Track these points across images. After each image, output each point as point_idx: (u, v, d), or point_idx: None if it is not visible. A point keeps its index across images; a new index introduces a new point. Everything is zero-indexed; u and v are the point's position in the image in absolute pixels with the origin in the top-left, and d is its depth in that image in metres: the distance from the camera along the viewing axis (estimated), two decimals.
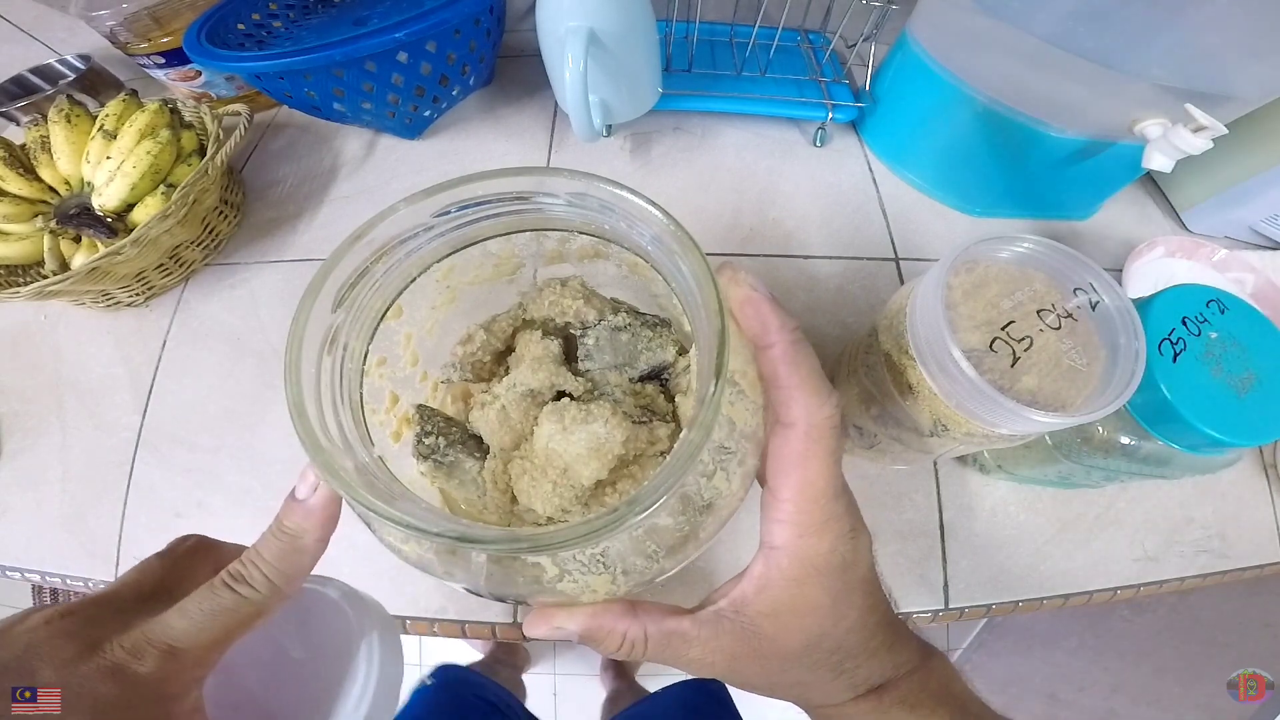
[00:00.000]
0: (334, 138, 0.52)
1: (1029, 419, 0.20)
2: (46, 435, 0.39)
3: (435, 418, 0.24)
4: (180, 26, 0.48)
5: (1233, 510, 0.36)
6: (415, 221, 0.19)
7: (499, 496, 0.23)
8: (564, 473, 0.22)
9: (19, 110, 0.52)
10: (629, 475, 0.23)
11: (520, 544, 0.14)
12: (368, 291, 0.19)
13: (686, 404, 0.24)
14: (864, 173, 0.48)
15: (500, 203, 0.19)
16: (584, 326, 0.26)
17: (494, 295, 0.27)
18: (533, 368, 0.24)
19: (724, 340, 0.15)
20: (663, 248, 0.18)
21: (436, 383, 0.27)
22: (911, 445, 0.28)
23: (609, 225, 0.19)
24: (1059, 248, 0.23)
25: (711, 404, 0.14)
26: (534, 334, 0.26)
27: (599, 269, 0.26)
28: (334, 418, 0.17)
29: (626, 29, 0.38)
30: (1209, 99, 0.32)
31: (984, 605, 0.33)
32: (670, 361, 0.26)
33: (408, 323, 0.23)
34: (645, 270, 0.24)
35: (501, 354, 0.28)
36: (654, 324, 0.26)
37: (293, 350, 0.16)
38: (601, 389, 0.25)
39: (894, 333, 0.24)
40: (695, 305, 0.17)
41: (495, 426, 0.23)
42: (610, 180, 0.17)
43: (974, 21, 0.37)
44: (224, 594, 0.16)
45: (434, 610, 0.33)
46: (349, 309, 0.18)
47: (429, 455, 0.23)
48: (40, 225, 0.41)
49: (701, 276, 0.16)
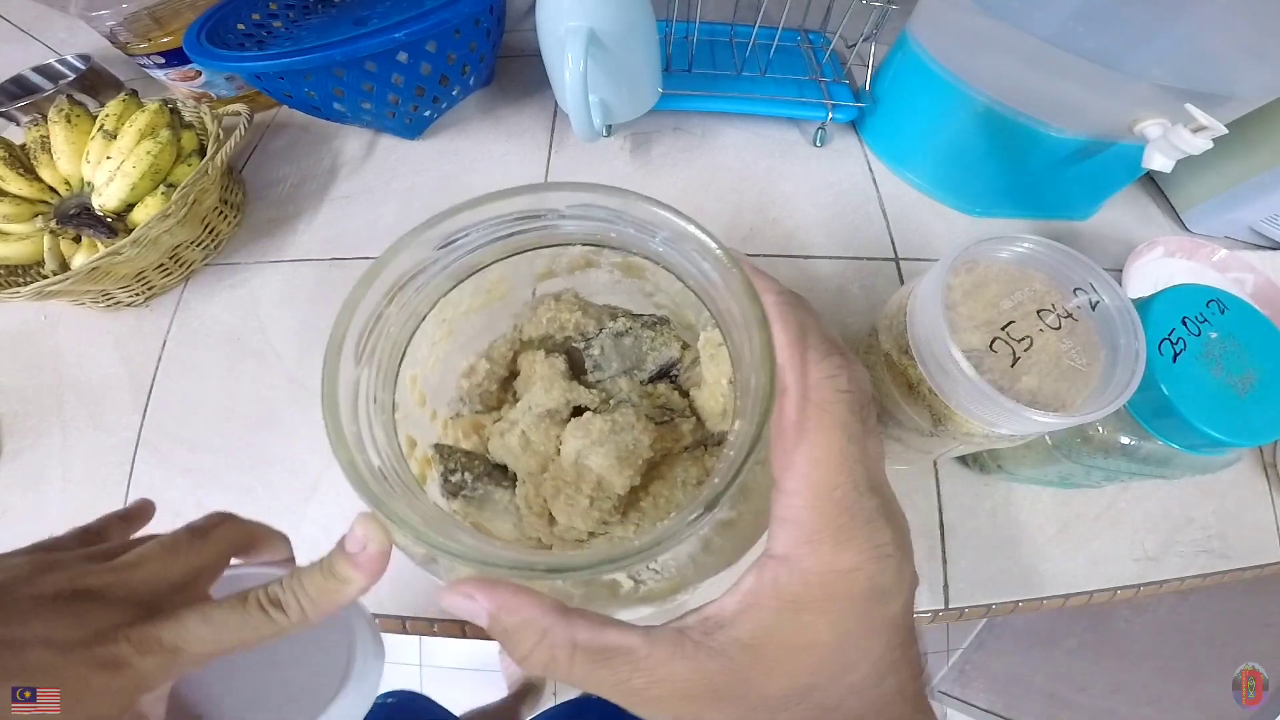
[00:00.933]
0: (334, 138, 0.52)
1: (1029, 419, 0.20)
2: (46, 435, 0.39)
3: (455, 454, 0.24)
4: (180, 26, 0.48)
5: (1233, 510, 0.36)
6: (421, 255, 0.18)
7: (535, 520, 0.23)
8: (598, 485, 0.22)
9: (19, 110, 0.52)
10: (660, 476, 0.23)
11: (612, 562, 0.13)
12: (384, 338, 0.18)
13: (701, 396, 0.24)
14: (864, 173, 0.48)
15: (509, 223, 0.18)
16: (585, 338, 0.26)
17: (489, 323, 0.26)
18: (544, 388, 0.24)
19: (767, 322, 0.14)
20: (678, 249, 0.17)
21: (446, 420, 0.26)
22: (911, 445, 0.28)
23: (615, 234, 0.19)
24: (1059, 248, 0.23)
25: (762, 396, 0.14)
26: (536, 354, 0.26)
27: (589, 278, 0.25)
28: (382, 470, 0.16)
29: (626, 29, 0.38)
30: (1209, 99, 0.32)
31: (984, 605, 0.33)
32: (677, 357, 0.26)
33: (411, 363, 0.22)
34: (639, 271, 0.24)
35: (506, 380, 0.27)
36: (653, 323, 0.26)
37: (330, 412, 0.15)
38: (616, 397, 0.25)
39: (894, 333, 0.24)
40: (723, 297, 0.16)
41: (519, 452, 0.23)
42: (647, 197, 0.17)
43: (974, 21, 0.37)
44: (255, 615, 0.15)
45: (434, 610, 0.33)
46: (369, 360, 0.18)
47: (458, 492, 0.23)
48: (40, 225, 0.41)
49: (727, 268, 0.16)
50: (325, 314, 0.42)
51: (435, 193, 0.48)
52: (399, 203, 0.47)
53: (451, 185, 0.49)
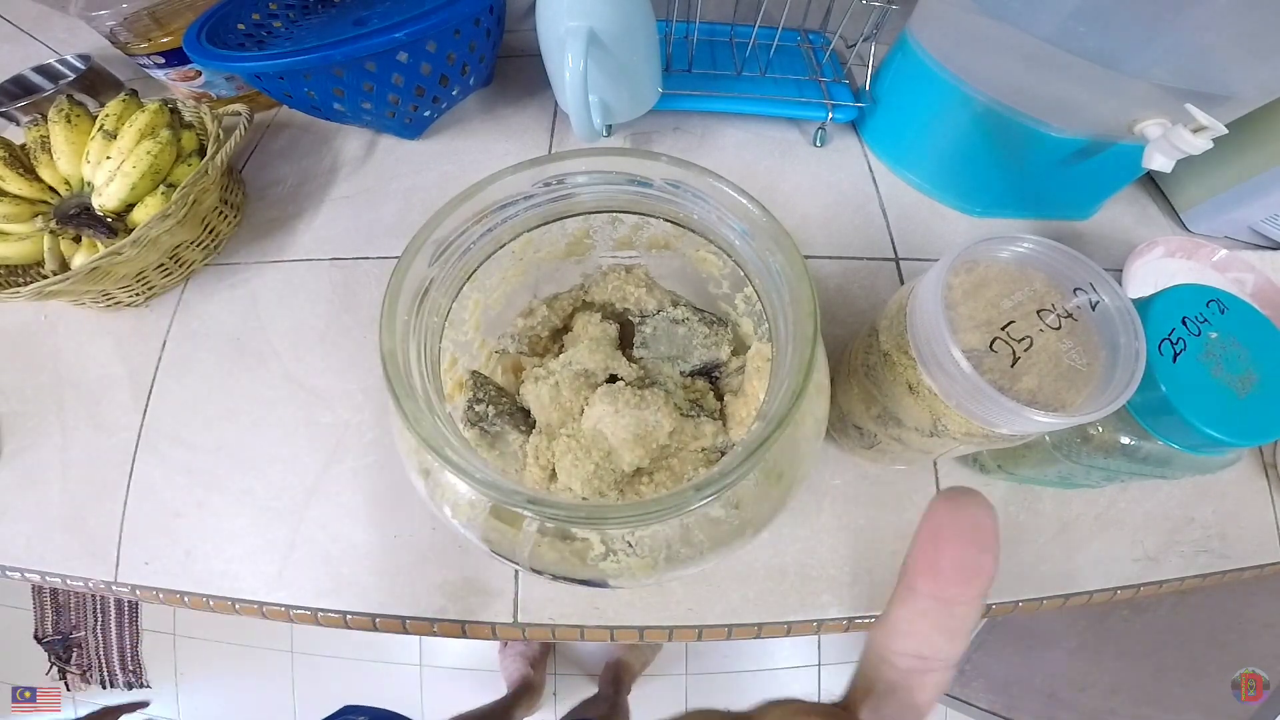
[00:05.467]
0: (334, 138, 0.52)
1: (1029, 419, 0.20)
2: (46, 435, 0.39)
3: (488, 386, 0.25)
4: (180, 26, 0.48)
5: (1233, 510, 0.36)
6: (517, 189, 0.19)
7: (538, 472, 0.23)
8: (607, 455, 0.22)
9: (19, 110, 0.52)
10: (666, 468, 0.23)
11: (584, 514, 0.14)
12: (460, 251, 0.20)
13: (736, 404, 0.25)
14: (864, 173, 0.48)
15: (603, 182, 0.19)
16: (643, 315, 0.27)
17: (560, 273, 0.27)
18: (590, 349, 0.25)
19: (816, 339, 0.15)
20: (753, 244, 0.18)
21: (491, 351, 0.27)
22: (911, 445, 0.28)
23: (698, 215, 0.20)
24: (1059, 248, 0.23)
25: (796, 398, 0.14)
26: (593, 316, 0.27)
27: (663, 260, 0.26)
28: (417, 368, 0.17)
29: (626, 29, 0.38)
30: (1209, 99, 0.32)
31: (984, 605, 0.33)
32: (724, 360, 0.26)
33: (478, 288, 0.23)
34: (711, 266, 0.24)
35: (558, 332, 0.28)
36: (711, 321, 0.26)
37: (390, 298, 0.16)
38: (654, 378, 0.26)
39: (894, 333, 0.24)
40: (783, 303, 0.17)
41: (546, 402, 0.24)
42: (708, 171, 0.18)
43: (974, 22, 0.37)
44: None
45: (434, 610, 0.33)
46: (443, 264, 0.19)
47: (477, 423, 0.24)
48: (40, 225, 0.41)
49: (796, 274, 0.16)
50: (325, 314, 0.42)
51: (435, 193, 0.48)
52: (399, 203, 0.47)
53: (452, 185, 0.49)
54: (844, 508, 0.35)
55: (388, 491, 0.35)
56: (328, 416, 0.38)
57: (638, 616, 0.32)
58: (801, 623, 0.33)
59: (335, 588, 0.34)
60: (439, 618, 0.33)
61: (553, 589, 0.33)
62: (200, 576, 0.35)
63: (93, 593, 0.36)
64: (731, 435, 0.25)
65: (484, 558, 0.33)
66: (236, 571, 0.35)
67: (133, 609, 1.20)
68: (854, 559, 0.34)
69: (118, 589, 0.35)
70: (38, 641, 1.16)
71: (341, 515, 0.35)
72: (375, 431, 0.37)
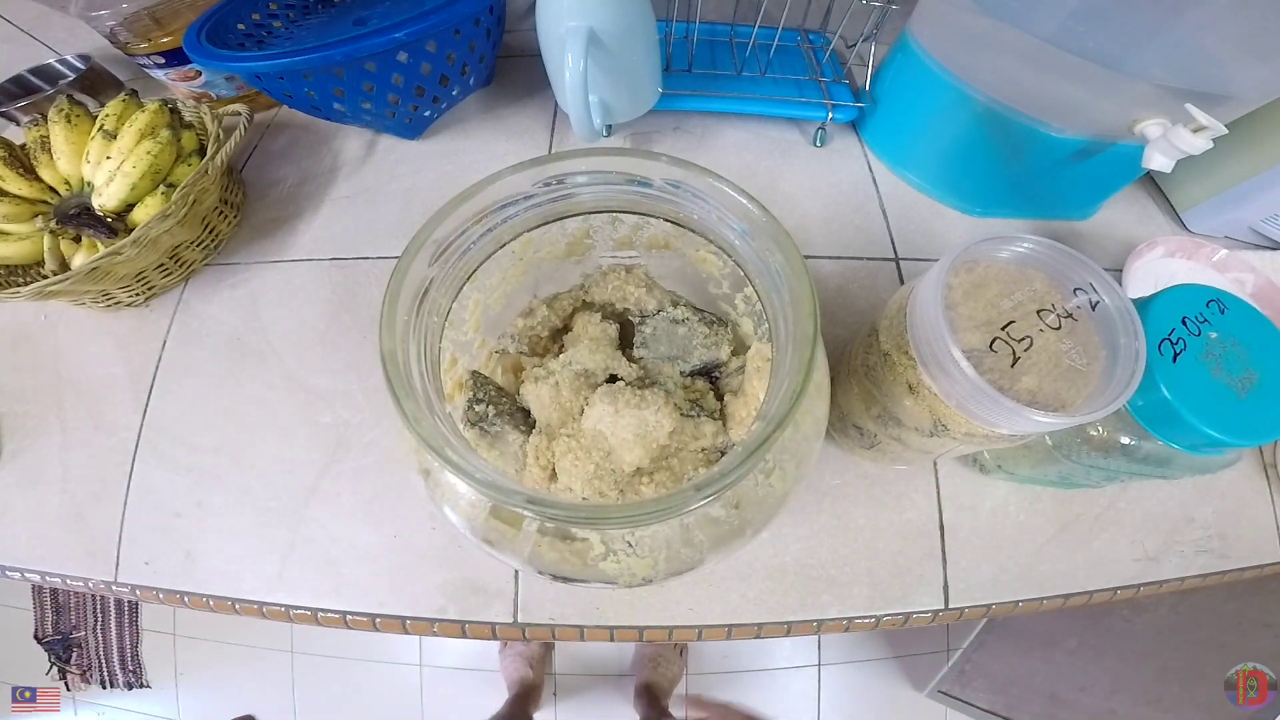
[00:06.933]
0: (334, 138, 0.52)
1: (1029, 419, 0.20)
2: (46, 435, 0.39)
3: (488, 386, 0.25)
4: (180, 26, 0.48)
5: (1233, 510, 0.36)
6: (517, 189, 0.19)
7: (538, 473, 0.23)
8: (608, 456, 0.22)
9: (19, 110, 0.52)
10: (667, 468, 0.23)
11: (584, 514, 0.14)
12: (460, 251, 0.20)
13: (735, 404, 0.25)
14: (864, 173, 0.48)
15: (603, 182, 0.19)
16: (643, 315, 0.27)
17: (560, 273, 0.27)
18: (590, 348, 0.25)
19: (816, 339, 0.15)
20: (753, 244, 0.18)
21: (492, 351, 0.27)
22: (911, 445, 0.28)
23: (698, 215, 0.20)
24: (1059, 248, 0.23)
25: (796, 398, 0.14)
26: (593, 316, 0.27)
27: (663, 260, 0.26)
28: (417, 368, 0.17)
29: (626, 29, 0.38)
30: (1209, 99, 0.32)
31: (984, 605, 0.33)
32: (724, 361, 0.26)
33: (478, 288, 0.23)
34: (711, 266, 0.24)
35: (558, 332, 0.28)
36: (711, 321, 0.26)
37: (390, 298, 0.16)
38: (654, 378, 0.26)
39: (894, 333, 0.24)
40: (783, 303, 0.17)
41: (546, 402, 0.24)
42: (708, 171, 0.18)
43: (974, 21, 0.37)
44: None
45: (434, 610, 0.33)
46: (443, 264, 0.19)
47: (476, 423, 0.24)
48: (40, 225, 0.41)
49: (796, 274, 0.16)
50: (325, 314, 0.42)
51: (435, 193, 0.48)
52: (399, 203, 0.47)
53: (452, 185, 0.48)
54: (844, 507, 0.35)
55: (388, 491, 0.35)
56: (328, 416, 0.38)
57: (638, 616, 0.32)
58: (801, 623, 0.33)
59: (335, 588, 0.34)
60: (439, 618, 0.33)
61: (553, 589, 0.33)
62: (200, 576, 0.35)
63: (93, 593, 0.36)
64: (731, 435, 0.25)
65: (484, 558, 0.33)
66: (236, 571, 0.35)
67: (133, 609, 1.20)
68: (854, 559, 0.34)
69: (118, 589, 0.35)
70: (38, 641, 1.16)
71: (341, 515, 0.35)
72: (375, 431, 0.37)
